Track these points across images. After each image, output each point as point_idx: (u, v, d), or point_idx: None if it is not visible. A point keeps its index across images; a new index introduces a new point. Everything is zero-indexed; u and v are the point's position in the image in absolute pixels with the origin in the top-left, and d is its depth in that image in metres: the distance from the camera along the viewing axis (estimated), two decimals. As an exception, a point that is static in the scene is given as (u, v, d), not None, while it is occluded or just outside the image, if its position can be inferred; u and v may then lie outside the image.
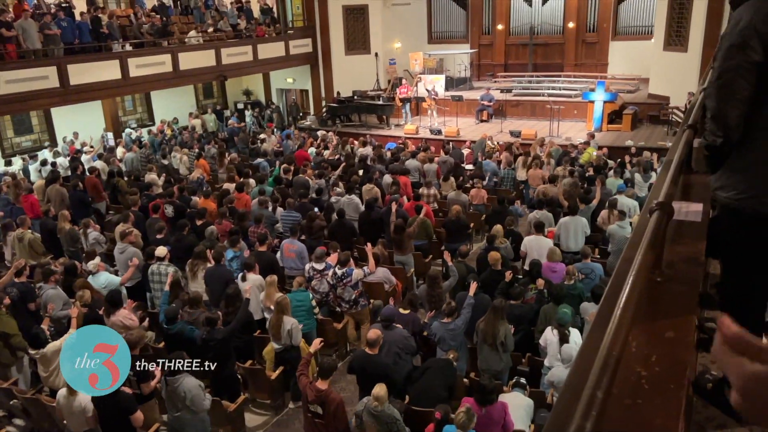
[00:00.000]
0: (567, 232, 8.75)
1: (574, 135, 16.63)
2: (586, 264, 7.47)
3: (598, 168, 11.57)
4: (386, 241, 8.98)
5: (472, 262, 8.67)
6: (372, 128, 19.55)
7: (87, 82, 14.94)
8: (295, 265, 8.27)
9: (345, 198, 10.33)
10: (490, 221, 10.02)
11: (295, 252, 8.30)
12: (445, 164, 13.11)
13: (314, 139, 16.48)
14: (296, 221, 9.38)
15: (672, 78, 17.34)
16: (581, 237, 8.77)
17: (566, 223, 8.77)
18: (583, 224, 8.74)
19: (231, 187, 11.12)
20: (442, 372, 5.66)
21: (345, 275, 7.22)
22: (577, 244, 8.73)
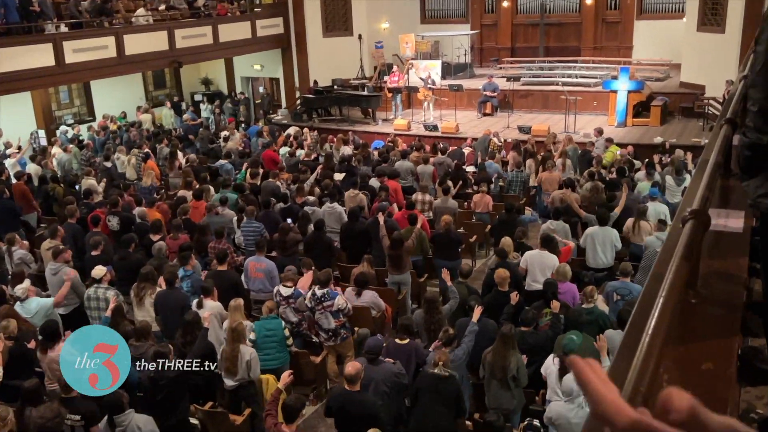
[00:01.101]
0: (595, 245, 8.80)
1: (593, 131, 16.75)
2: (625, 284, 7.47)
3: (622, 170, 11.67)
4: (373, 257, 8.98)
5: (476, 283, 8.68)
6: (355, 124, 19.60)
7: (13, 70, 14.84)
8: (264, 287, 8.23)
9: (326, 207, 10.33)
10: (495, 233, 10.06)
11: (263, 271, 8.26)
12: (442, 166, 13.17)
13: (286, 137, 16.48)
14: (258, 233, 9.36)
15: (707, 63, 17.57)
16: (611, 251, 8.82)
17: (594, 235, 8.83)
18: (614, 236, 8.82)
19: (187, 195, 11.09)
20: (436, 390, 5.67)
21: (325, 297, 7.19)
22: (607, 259, 8.78)
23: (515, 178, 12.60)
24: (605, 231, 8.81)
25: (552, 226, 9.17)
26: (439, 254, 9.39)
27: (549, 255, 8.15)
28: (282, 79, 23.36)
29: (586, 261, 8.88)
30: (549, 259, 8.08)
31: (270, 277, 8.23)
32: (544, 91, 19.99)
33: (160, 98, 22.62)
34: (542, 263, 8.08)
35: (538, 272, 8.04)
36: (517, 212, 10.11)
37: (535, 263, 8.16)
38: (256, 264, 8.31)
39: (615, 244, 8.82)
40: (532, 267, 8.18)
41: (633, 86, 17.51)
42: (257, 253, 8.44)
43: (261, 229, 9.52)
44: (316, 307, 7.24)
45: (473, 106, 20.07)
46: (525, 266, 8.24)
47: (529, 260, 8.23)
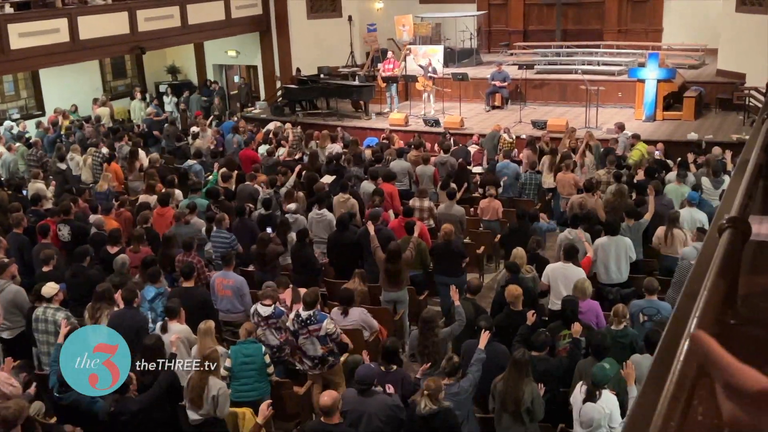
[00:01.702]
0: (606, 258, 8.82)
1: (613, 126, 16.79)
2: (651, 302, 7.49)
3: (651, 171, 11.70)
4: (366, 272, 8.97)
5: (485, 301, 8.67)
6: (345, 118, 19.63)
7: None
8: (232, 307, 8.21)
9: (314, 213, 10.33)
10: (506, 243, 10.07)
11: (230, 288, 8.24)
12: (444, 166, 13.20)
13: (266, 134, 16.48)
14: (227, 245, 9.36)
15: (748, 49, 17.64)
16: (625, 264, 8.86)
17: (604, 246, 8.85)
18: (626, 246, 8.85)
19: (151, 200, 11.06)
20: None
21: (311, 320, 7.17)
22: (619, 274, 8.81)
23: (529, 181, 12.64)
24: (617, 241, 8.84)
25: (570, 236, 9.18)
26: (438, 269, 9.39)
27: (574, 268, 8.18)
28: (260, 68, 23.40)
29: (597, 276, 8.90)
30: (574, 273, 8.10)
31: (239, 295, 8.21)
32: (562, 81, 20.06)
33: (119, 89, 22.61)
34: (567, 278, 8.09)
35: (563, 289, 8.05)
36: (531, 219, 10.13)
37: (559, 278, 8.17)
38: (223, 280, 8.30)
39: (629, 255, 8.86)
40: (556, 283, 8.19)
41: (663, 75, 17.57)
42: (224, 267, 8.44)
43: (231, 240, 9.51)
44: (301, 330, 7.21)
45: (480, 97, 20.12)
46: (547, 282, 8.25)
47: (551, 275, 8.24)
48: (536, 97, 20.14)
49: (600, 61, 20.67)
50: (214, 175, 12.84)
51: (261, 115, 20.83)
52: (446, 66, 20.93)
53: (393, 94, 19.96)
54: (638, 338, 6.89)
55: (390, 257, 8.63)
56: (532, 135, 15.36)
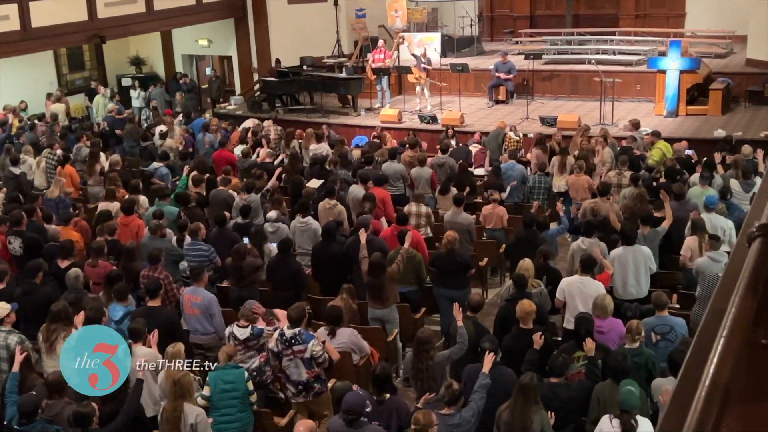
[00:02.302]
0: (623, 270, 8.84)
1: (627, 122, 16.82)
2: (663, 319, 7.52)
3: (673, 172, 11.72)
4: (355, 287, 8.96)
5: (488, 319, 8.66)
6: (330, 115, 19.64)
7: None
8: (201, 327, 8.20)
9: (298, 222, 10.32)
10: (512, 254, 10.08)
11: (198, 307, 8.21)
12: (443, 168, 13.20)
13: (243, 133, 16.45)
14: (204, 258, 9.33)
15: (780, 36, 17.77)
16: (644, 277, 8.87)
17: (621, 258, 8.86)
18: (645, 257, 8.86)
19: (112, 208, 11.04)
20: None
21: (296, 340, 7.16)
22: (639, 288, 8.82)
23: (537, 184, 12.68)
24: (635, 251, 8.85)
25: (584, 245, 9.20)
26: (440, 281, 9.38)
27: (592, 282, 8.18)
28: (235, 58, 23.38)
29: (614, 290, 8.90)
30: (592, 287, 8.09)
31: (208, 314, 8.19)
32: (573, 72, 20.13)
33: (77, 83, 22.54)
34: (584, 293, 8.08)
35: (581, 305, 8.03)
36: (540, 227, 10.13)
37: (576, 293, 8.15)
38: (191, 297, 8.29)
39: (649, 266, 8.88)
40: (572, 298, 8.17)
41: (686, 65, 17.65)
42: (194, 282, 8.42)
43: (209, 253, 9.48)
44: (284, 351, 7.19)
45: (482, 91, 20.17)
46: (562, 298, 8.25)
47: (568, 289, 8.23)
48: (545, 90, 20.20)
49: (616, 50, 20.75)
50: (183, 178, 12.82)
51: (236, 112, 20.84)
52: (444, 56, 20.98)
53: (384, 88, 19.97)
54: (656, 359, 6.90)
55: (371, 270, 8.61)
56: (541, 133, 15.35)
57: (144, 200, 11.52)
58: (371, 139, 16.55)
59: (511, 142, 15.07)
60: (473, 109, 19.27)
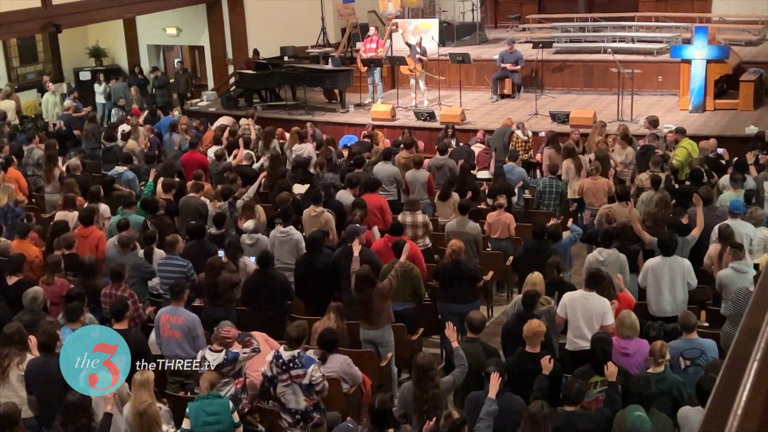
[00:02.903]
0: (659, 285, 8.84)
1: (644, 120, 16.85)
2: (692, 342, 7.49)
3: (698, 173, 11.72)
4: (344, 305, 8.94)
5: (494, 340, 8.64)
6: (315, 111, 19.63)
7: None
8: (182, 352, 8.15)
9: (277, 232, 10.30)
10: (520, 267, 10.06)
11: (180, 329, 8.17)
12: (442, 171, 13.21)
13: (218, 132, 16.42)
14: (181, 274, 9.30)
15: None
16: (681, 291, 8.87)
17: (656, 269, 8.85)
18: (683, 270, 8.86)
19: (70, 218, 11.01)
20: None
21: (295, 363, 7.14)
22: (675, 304, 8.81)
23: (548, 188, 12.67)
24: (672, 263, 8.84)
25: (601, 257, 9.20)
26: (447, 295, 9.36)
27: (597, 298, 8.12)
28: (208, 49, 23.36)
29: (648, 307, 8.88)
30: (595, 304, 8.06)
31: (191, 337, 8.15)
32: (587, 63, 20.17)
33: (29, 77, 22.45)
34: (587, 309, 8.06)
35: (583, 323, 8.03)
36: (552, 237, 10.11)
37: (578, 309, 8.12)
38: (170, 318, 8.24)
39: (688, 281, 8.88)
40: (574, 315, 8.14)
41: (714, 54, 17.67)
42: (173, 302, 8.37)
43: (187, 269, 9.44)
44: (280, 376, 7.18)
45: (486, 84, 20.18)
46: (563, 314, 8.23)
47: (569, 305, 8.19)
48: (556, 83, 20.24)
49: (635, 38, 20.78)
50: (149, 184, 12.76)
51: (209, 109, 20.83)
52: (442, 45, 20.97)
53: (376, 81, 19.98)
54: (682, 385, 6.89)
55: (357, 284, 8.58)
56: (553, 130, 15.38)
57: (105, 209, 11.46)
58: (361, 138, 16.53)
59: (518, 141, 15.08)
60: (476, 105, 19.30)
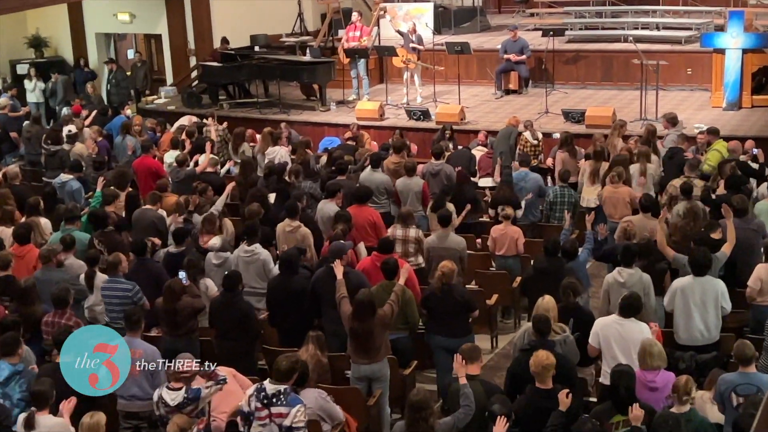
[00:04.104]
0: (689, 309, 8.85)
1: (687, 117, 16.94)
2: (749, 377, 7.42)
3: (735, 180, 11.75)
4: (325, 335, 8.94)
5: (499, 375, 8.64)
6: (291, 110, 19.66)
7: None
8: (140, 391, 8.13)
9: (241, 251, 10.30)
10: (530, 289, 10.08)
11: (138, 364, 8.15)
12: (438, 178, 13.24)
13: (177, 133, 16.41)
14: (127, 300, 9.30)
15: None
16: (714, 317, 8.86)
17: (686, 291, 8.86)
18: (717, 292, 8.85)
19: (5, 235, 10.99)
20: None
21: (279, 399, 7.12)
22: (707, 332, 8.81)
23: (559, 198, 12.69)
24: (705, 284, 8.84)
25: (621, 278, 9.22)
26: (435, 327, 9.34)
27: (634, 324, 8.13)
28: (166, 37, 23.31)
29: (675, 334, 8.90)
30: (634, 331, 8.05)
31: (150, 373, 8.11)
32: (605, 53, 20.24)
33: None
34: (623, 337, 8.06)
35: (619, 352, 8.02)
36: (566, 254, 10.12)
37: (613, 338, 8.13)
38: (126, 351, 8.23)
39: (722, 305, 8.88)
40: (608, 345, 8.15)
41: (751, 42, 17.71)
42: (128, 332, 8.32)
43: (133, 293, 9.43)
44: (259, 412, 7.18)
45: (488, 78, 20.26)
46: (597, 344, 8.25)
47: (603, 333, 8.19)
48: (569, 76, 20.34)
49: (660, 24, 20.86)
50: (97, 194, 12.72)
51: (167, 107, 20.78)
52: (438, 33, 20.97)
53: (361, 74, 20.00)
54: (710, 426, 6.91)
55: (357, 312, 8.54)
56: (567, 131, 15.41)
57: (46, 224, 11.44)
58: (344, 141, 16.54)
59: (526, 144, 15.07)
60: (476, 102, 19.37)
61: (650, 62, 17.32)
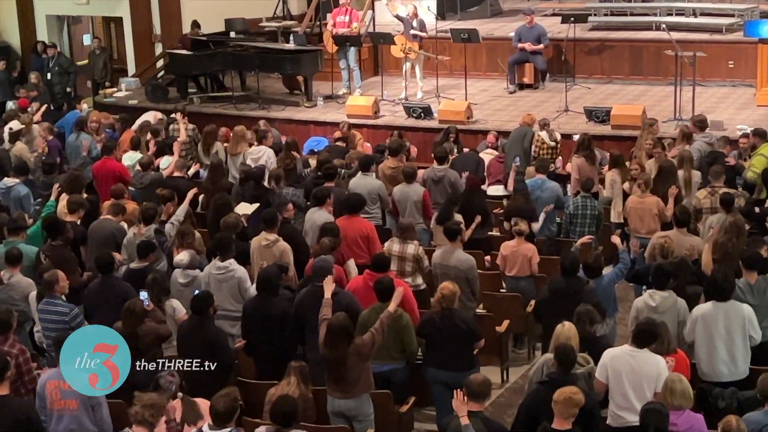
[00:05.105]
0: (711, 339, 8.87)
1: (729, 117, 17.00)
2: None
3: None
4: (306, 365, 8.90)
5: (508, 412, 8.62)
6: (272, 105, 19.73)
7: None
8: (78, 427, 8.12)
9: (213, 268, 10.29)
10: (546, 315, 10.03)
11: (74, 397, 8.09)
12: (441, 185, 13.25)
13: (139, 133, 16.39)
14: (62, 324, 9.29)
15: None
16: (742, 348, 8.89)
17: (707, 319, 8.88)
18: (744, 319, 8.88)
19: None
20: None
21: None
22: (734, 365, 8.84)
23: (580, 210, 12.67)
24: (729, 310, 8.86)
25: (653, 302, 9.20)
26: (433, 358, 9.32)
27: (649, 357, 8.11)
28: (128, 21, 23.37)
29: (698, 368, 8.90)
30: (646, 364, 8.05)
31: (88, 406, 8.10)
32: (634, 43, 20.32)
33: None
34: (635, 371, 8.06)
35: (630, 389, 8.01)
36: (589, 274, 10.08)
37: (623, 371, 8.12)
38: (61, 384, 8.16)
39: (751, 334, 8.90)
40: (618, 380, 8.14)
41: (801, 31, 17.83)
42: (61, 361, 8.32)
43: (70, 317, 9.43)
44: None
45: (499, 70, 20.33)
46: (604, 378, 8.23)
47: (611, 365, 8.17)
48: (592, 69, 20.42)
49: (697, 10, 20.90)
50: (51, 202, 12.69)
51: (129, 101, 20.79)
52: (442, 18, 21.05)
53: (351, 65, 20.02)
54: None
55: (328, 338, 8.53)
56: (587, 132, 15.37)
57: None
58: (333, 141, 16.56)
59: (542, 147, 15.10)
60: (486, 97, 19.44)
61: (686, 54, 17.35)
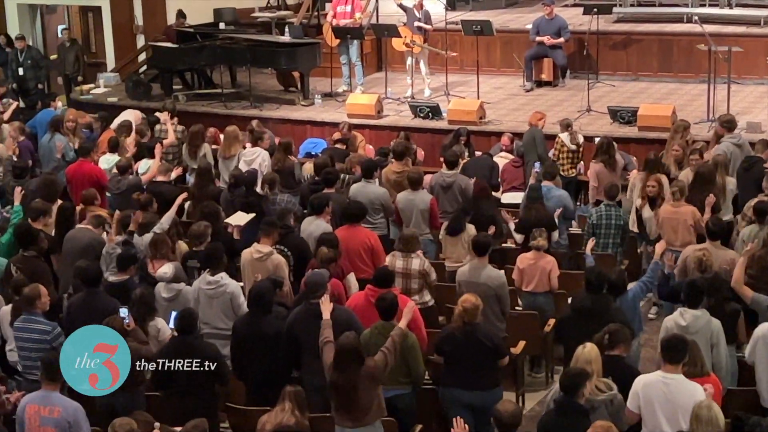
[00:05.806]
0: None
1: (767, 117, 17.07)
2: None
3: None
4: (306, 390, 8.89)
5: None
6: (265, 104, 19.80)
7: None
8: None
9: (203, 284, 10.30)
10: (567, 334, 10.08)
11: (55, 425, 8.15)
12: (450, 193, 13.29)
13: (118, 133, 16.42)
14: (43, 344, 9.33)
15: None
16: None
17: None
18: None
19: None
20: None
21: None
22: None
23: (604, 219, 12.68)
24: None
25: (684, 321, 9.20)
26: (453, 377, 9.32)
27: (684, 383, 8.11)
28: (107, 11, 23.44)
29: (759, 393, 8.90)
30: (682, 391, 8.04)
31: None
32: (663, 37, 20.39)
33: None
34: (669, 400, 8.05)
35: (663, 420, 8.01)
36: (613, 291, 10.08)
37: (655, 399, 8.12)
38: (40, 409, 8.22)
39: None
40: (650, 409, 8.14)
41: None
42: (44, 384, 8.37)
43: (52, 336, 9.46)
44: None
45: (515, 66, 20.37)
46: (636, 408, 8.23)
47: (643, 393, 8.18)
48: (617, 65, 20.47)
49: (733, 0, 20.92)
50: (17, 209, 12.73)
51: (108, 99, 20.83)
52: (452, 8, 21.08)
53: (353, 60, 20.09)
54: None
55: (338, 361, 8.52)
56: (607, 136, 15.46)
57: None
58: (332, 144, 16.57)
59: (562, 150, 15.12)
60: (500, 96, 19.50)
61: (720, 48, 17.37)
